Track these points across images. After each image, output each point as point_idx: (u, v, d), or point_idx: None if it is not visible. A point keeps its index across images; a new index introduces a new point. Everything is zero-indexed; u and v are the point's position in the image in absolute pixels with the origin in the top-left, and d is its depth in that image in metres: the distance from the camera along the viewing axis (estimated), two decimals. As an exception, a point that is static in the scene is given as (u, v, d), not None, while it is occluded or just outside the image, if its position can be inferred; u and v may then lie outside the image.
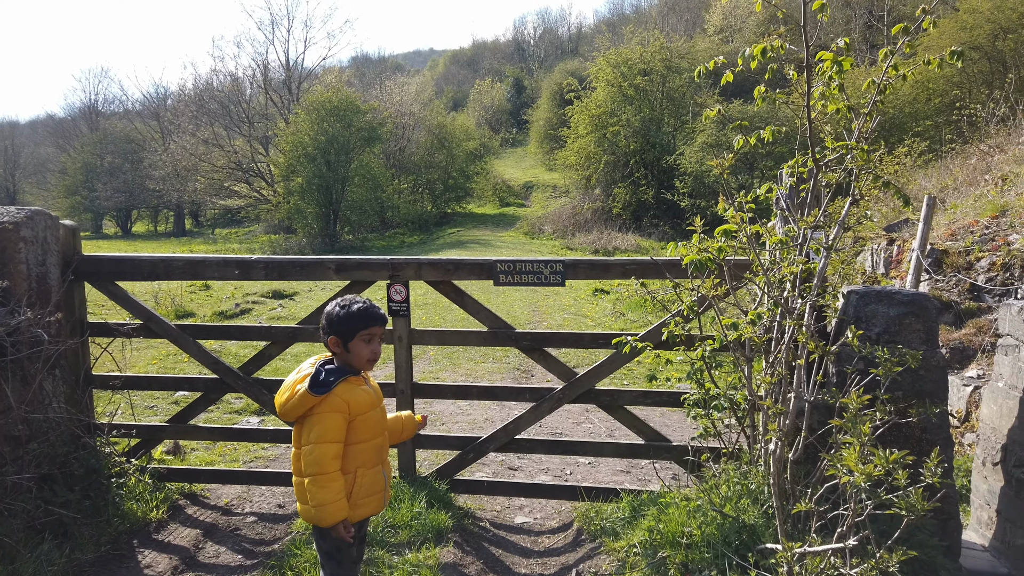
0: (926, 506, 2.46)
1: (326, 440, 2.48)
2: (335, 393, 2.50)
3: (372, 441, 2.64)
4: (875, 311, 3.30)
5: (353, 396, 2.55)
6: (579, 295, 13.95)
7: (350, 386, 2.56)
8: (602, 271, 4.03)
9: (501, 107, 51.97)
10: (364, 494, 2.62)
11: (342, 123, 29.56)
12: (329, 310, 2.63)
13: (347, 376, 2.58)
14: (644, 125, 27.16)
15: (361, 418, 2.57)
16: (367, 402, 2.61)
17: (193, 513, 4.26)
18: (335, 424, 2.49)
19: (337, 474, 2.51)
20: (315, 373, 2.54)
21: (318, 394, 2.47)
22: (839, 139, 3.06)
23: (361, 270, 4.10)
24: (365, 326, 2.58)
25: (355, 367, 2.62)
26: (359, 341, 2.59)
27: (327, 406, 2.49)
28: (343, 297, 2.70)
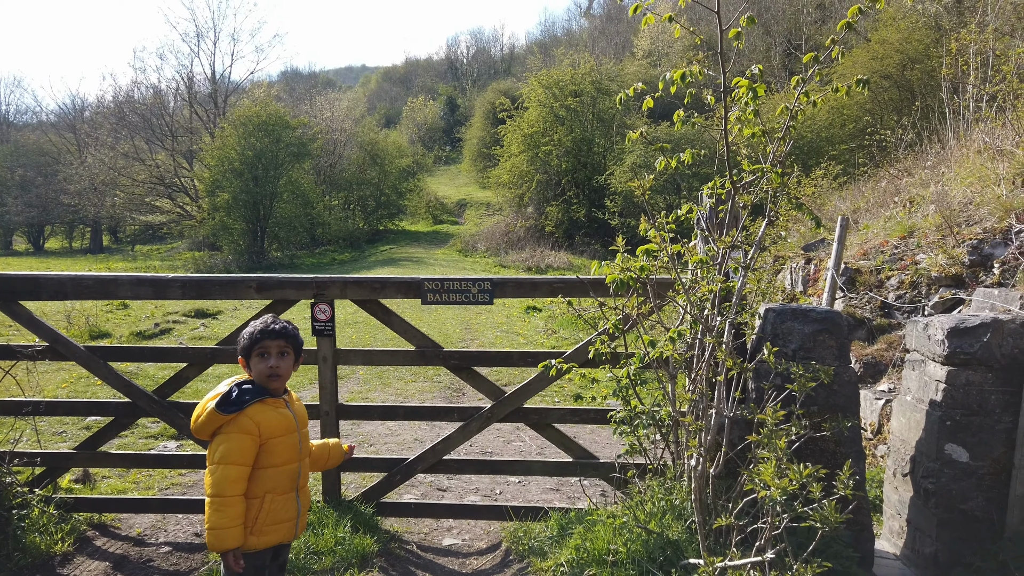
0: (839, 518, 2.54)
1: (229, 461, 2.39)
2: (246, 414, 2.44)
3: (285, 467, 2.55)
4: (791, 328, 3.41)
5: (265, 418, 2.47)
6: (511, 313, 13.98)
7: (264, 408, 2.50)
8: (530, 289, 4.05)
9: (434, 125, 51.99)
10: (271, 521, 2.52)
11: (271, 138, 28.99)
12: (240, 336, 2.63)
13: (263, 397, 2.51)
14: (575, 145, 27.60)
15: (273, 441, 2.49)
16: (281, 425, 2.53)
17: (103, 545, 4.04)
18: (241, 446, 2.41)
19: (237, 499, 2.41)
20: (227, 392, 2.48)
21: (225, 413, 2.41)
22: (756, 162, 3.17)
23: (283, 289, 4.00)
24: (258, 340, 2.54)
25: (254, 379, 2.57)
26: (255, 357, 2.54)
27: (236, 426, 2.42)
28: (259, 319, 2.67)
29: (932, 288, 5.58)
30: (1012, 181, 5.80)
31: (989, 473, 3.28)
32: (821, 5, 27.94)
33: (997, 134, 7.04)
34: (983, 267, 5.25)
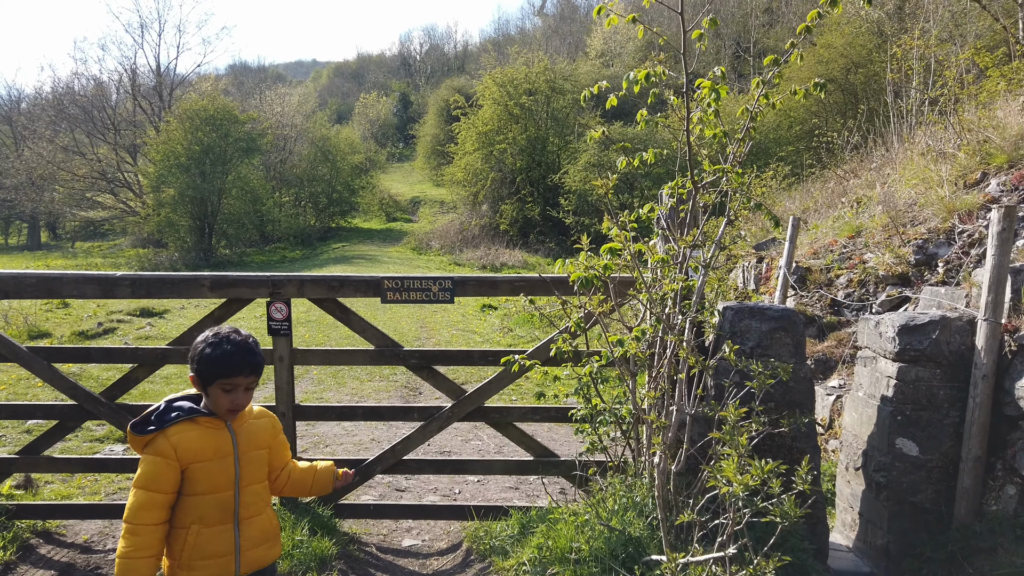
0: (798, 512, 2.58)
1: (141, 486, 2.13)
2: (165, 434, 2.16)
3: (214, 495, 2.21)
4: (749, 326, 3.47)
5: (187, 439, 2.17)
6: (467, 311, 13.93)
7: (191, 428, 2.19)
8: (490, 288, 4.03)
9: (387, 121, 51.49)
10: (199, 556, 2.20)
11: (218, 132, 28.28)
12: (197, 341, 2.24)
13: (194, 416, 2.21)
14: (530, 144, 27.66)
15: (197, 467, 2.18)
16: (208, 448, 2.20)
17: (47, 553, 3.88)
18: (154, 470, 2.13)
19: (145, 528, 2.12)
20: (156, 408, 2.22)
21: (138, 434, 2.15)
22: (715, 163, 3.21)
23: (239, 287, 3.90)
24: (226, 375, 2.19)
25: (212, 408, 2.24)
26: (218, 388, 2.20)
27: (152, 448, 2.15)
28: (221, 329, 2.26)
29: (879, 286, 5.75)
30: (954, 183, 6.01)
31: (938, 466, 3.38)
32: (769, 9, 28.60)
33: (939, 137, 7.29)
34: (928, 266, 5.43)
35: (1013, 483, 3.17)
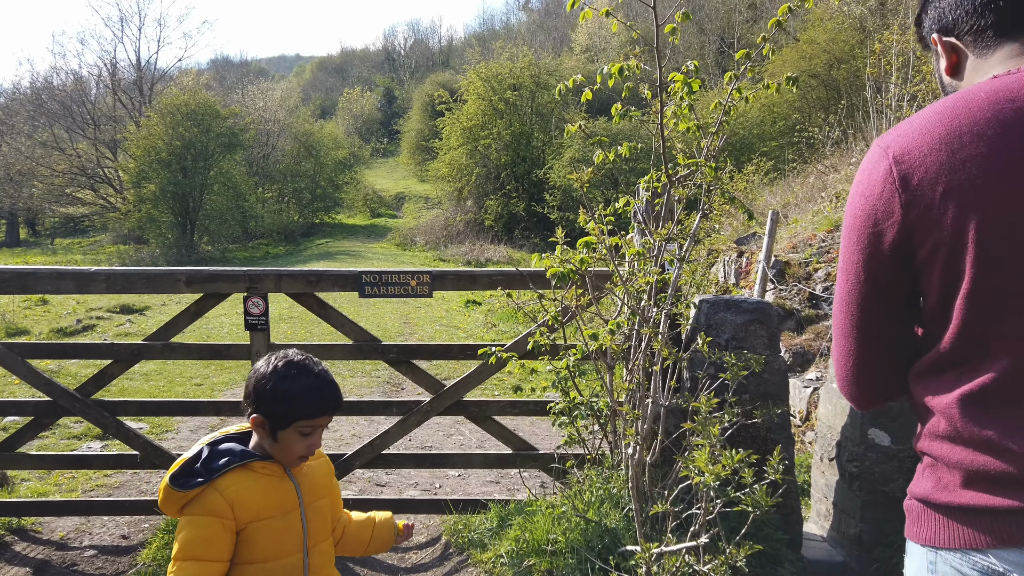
0: (770, 501, 2.61)
1: (187, 556, 1.66)
2: (215, 487, 1.69)
3: (278, 561, 1.76)
4: (724, 319, 3.50)
5: (243, 493, 1.71)
6: (451, 307, 13.93)
7: (246, 477, 1.73)
8: (469, 282, 4.04)
9: (371, 116, 51.28)
10: None
11: (200, 128, 28.05)
12: (261, 374, 1.75)
13: (251, 459, 1.75)
14: (515, 139, 27.66)
15: (258, 525, 1.73)
16: (271, 502, 1.75)
17: (22, 550, 3.86)
18: (205, 534, 1.67)
19: None
20: (195, 454, 1.74)
21: (181, 488, 1.68)
22: (691, 157, 3.23)
23: (215, 282, 3.88)
24: (310, 415, 1.75)
25: (275, 457, 1.79)
26: (294, 432, 1.74)
27: (199, 506, 1.68)
28: (289, 355, 1.78)
29: (856, 280, 5.81)
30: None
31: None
32: (753, 5, 28.72)
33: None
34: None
35: (982, 472, 3.22)
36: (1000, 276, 1.13)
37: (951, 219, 1.15)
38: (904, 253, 1.24)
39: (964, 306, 1.18)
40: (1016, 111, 1.13)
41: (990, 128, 1.13)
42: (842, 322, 1.39)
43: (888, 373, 1.39)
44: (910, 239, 1.22)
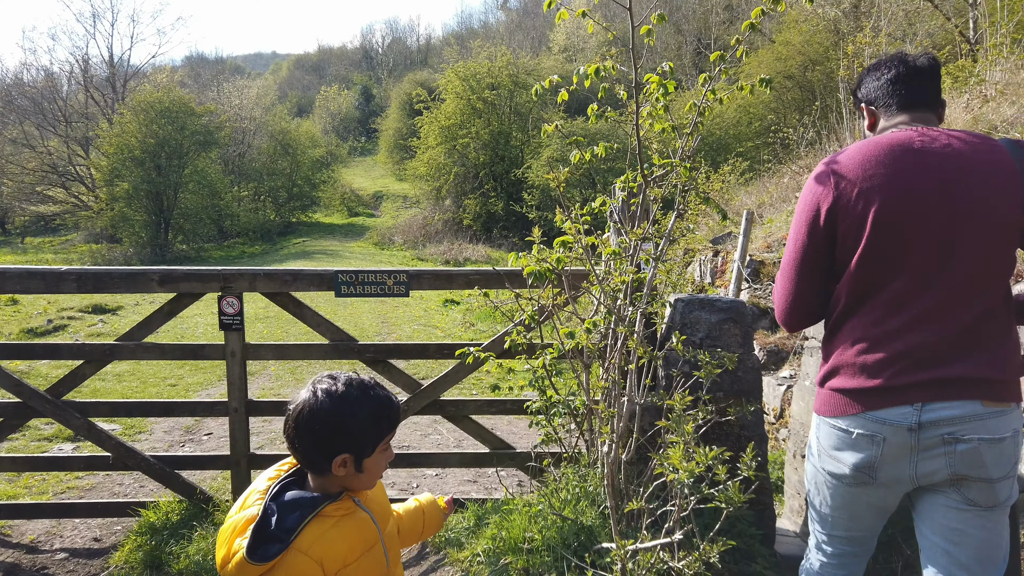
0: (743, 498, 2.64)
1: None
2: (297, 548, 1.50)
3: None
4: (699, 317, 3.54)
5: (328, 547, 1.54)
6: (429, 306, 13.91)
7: (323, 526, 1.55)
8: (446, 281, 4.04)
9: (349, 115, 51.01)
10: None
11: (174, 125, 27.73)
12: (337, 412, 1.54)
13: (322, 506, 1.56)
14: (493, 138, 27.66)
15: (345, 572, 1.57)
16: (357, 543, 1.60)
17: (-10, 555, 3.80)
18: None
19: None
20: (262, 517, 1.51)
21: (261, 561, 1.46)
22: (667, 157, 3.26)
23: (189, 281, 3.84)
24: (393, 425, 1.64)
25: (354, 489, 1.65)
26: (379, 453, 1.62)
27: (282, 573, 1.48)
28: (326, 388, 1.57)
29: (829, 279, 5.89)
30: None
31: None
32: (729, 6, 28.99)
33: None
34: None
35: (949, 467, 3.28)
36: (879, 246, 1.92)
37: (859, 210, 1.93)
38: (831, 229, 2.00)
39: (858, 262, 1.95)
40: (902, 151, 1.93)
41: (886, 159, 1.93)
42: (788, 272, 2.15)
43: (811, 306, 2.16)
44: (835, 220, 1.98)
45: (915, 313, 1.89)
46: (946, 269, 1.87)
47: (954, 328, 1.87)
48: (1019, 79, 6.73)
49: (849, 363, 1.98)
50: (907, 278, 1.90)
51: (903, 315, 1.90)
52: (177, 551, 3.52)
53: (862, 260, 1.94)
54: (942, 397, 1.85)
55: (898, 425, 1.88)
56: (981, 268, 1.88)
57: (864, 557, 2.27)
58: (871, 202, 1.90)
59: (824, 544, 2.32)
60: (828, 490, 2.19)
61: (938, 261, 1.87)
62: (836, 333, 2.07)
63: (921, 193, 1.87)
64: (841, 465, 2.06)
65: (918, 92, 2.08)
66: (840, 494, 2.14)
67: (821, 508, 2.27)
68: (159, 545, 3.58)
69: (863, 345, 1.96)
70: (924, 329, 1.88)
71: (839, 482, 2.11)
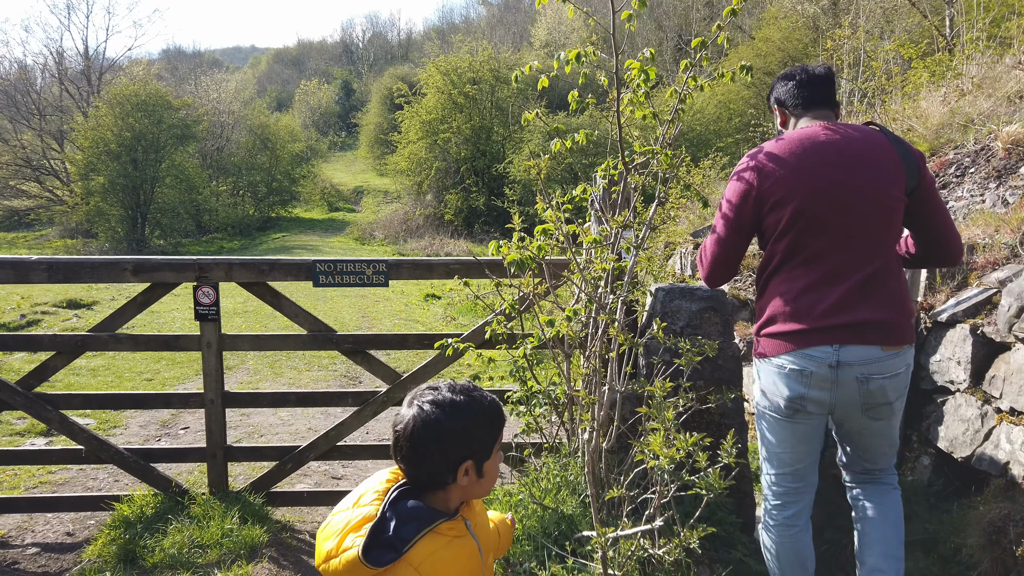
0: (723, 484, 2.64)
1: None
2: (409, 562, 1.42)
3: None
4: (679, 306, 3.53)
5: (439, 566, 1.45)
6: (410, 300, 13.83)
7: (436, 543, 1.47)
8: (425, 271, 4.00)
9: (329, 109, 50.61)
10: None
11: (151, 119, 27.32)
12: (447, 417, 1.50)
13: (438, 522, 1.49)
14: (474, 133, 27.56)
15: None
16: (466, 570, 1.53)
17: (-41, 551, 3.71)
18: None
19: None
20: (379, 520, 1.45)
21: (375, 565, 1.39)
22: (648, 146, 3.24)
23: (163, 271, 3.78)
24: (503, 426, 1.61)
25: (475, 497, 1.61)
26: (495, 455, 1.59)
27: None
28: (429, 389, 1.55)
29: (808, 270, 5.91)
30: (878, 171, 6.23)
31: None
32: (710, 3, 29.10)
33: (866, 128, 7.53)
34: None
35: (927, 454, 3.31)
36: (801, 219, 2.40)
37: (783, 190, 2.42)
38: (758, 207, 2.50)
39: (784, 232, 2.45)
40: (812, 143, 2.44)
41: (797, 150, 2.44)
42: (716, 239, 2.67)
43: (733, 268, 2.74)
44: (762, 199, 2.47)
45: (829, 270, 2.39)
46: (851, 235, 2.38)
47: (859, 282, 2.37)
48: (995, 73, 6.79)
49: (781, 311, 2.46)
50: (823, 243, 2.39)
51: (820, 272, 2.40)
52: (152, 544, 3.46)
53: (787, 230, 2.43)
54: (853, 340, 2.35)
55: (821, 361, 2.38)
56: (876, 234, 2.40)
57: (809, 493, 2.68)
58: (792, 184, 2.40)
59: (774, 485, 2.69)
60: (771, 429, 2.63)
61: (845, 229, 2.38)
62: (768, 289, 2.55)
63: (830, 176, 2.38)
64: (779, 399, 2.51)
65: (818, 95, 2.60)
66: (780, 428, 2.59)
67: (769, 450, 2.68)
68: (133, 539, 3.52)
69: (791, 297, 2.45)
70: (837, 283, 2.38)
71: (779, 416, 2.56)
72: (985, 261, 3.42)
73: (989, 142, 5.23)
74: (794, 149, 2.43)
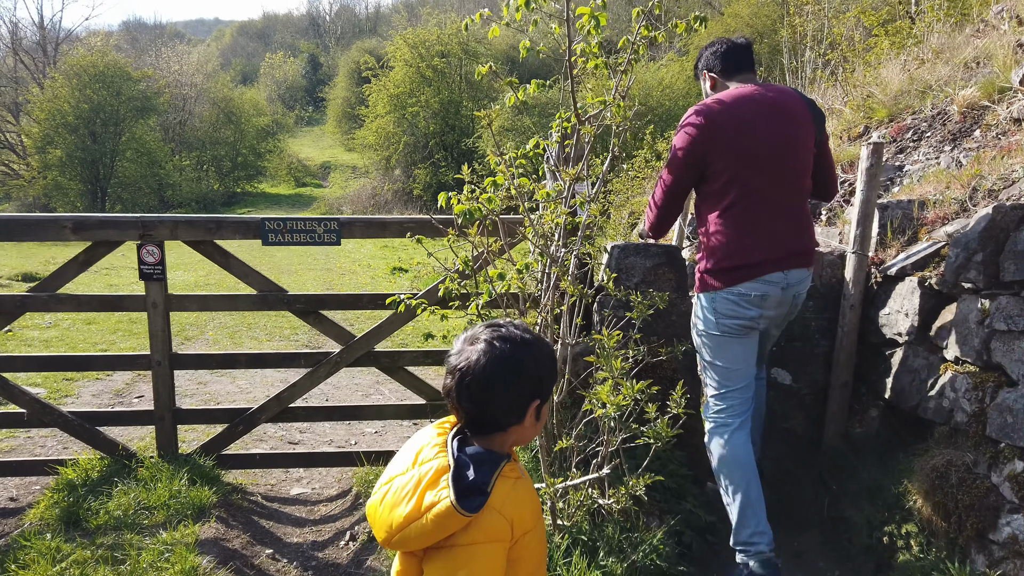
0: (670, 432, 2.64)
1: None
2: (491, 505, 1.36)
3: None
4: (634, 263, 3.51)
5: (518, 507, 1.42)
6: (376, 274, 13.71)
7: (506, 486, 1.41)
8: (379, 229, 3.93)
9: (296, 83, 49.63)
10: None
11: (109, 90, 26.54)
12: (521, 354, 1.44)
13: (503, 464, 1.43)
14: (443, 107, 27.23)
15: (524, 541, 1.44)
16: (536, 508, 1.50)
17: None
18: (493, 566, 1.37)
19: None
20: (456, 468, 1.38)
21: (472, 510, 1.33)
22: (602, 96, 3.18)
23: (105, 229, 3.66)
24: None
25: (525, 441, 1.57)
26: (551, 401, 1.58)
27: (479, 532, 1.35)
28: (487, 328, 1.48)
29: (768, 235, 5.94)
30: (840, 136, 6.25)
31: (809, 393, 3.54)
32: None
33: (829, 95, 7.56)
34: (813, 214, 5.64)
35: (876, 406, 3.34)
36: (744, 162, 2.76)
37: (722, 141, 2.77)
38: (703, 159, 2.83)
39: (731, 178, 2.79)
40: (745, 100, 2.80)
41: (737, 105, 2.80)
42: (664, 188, 2.98)
43: (676, 211, 3.09)
44: (707, 151, 2.81)
45: (772, 208, 2.80)
46: (786, 177, 2.82)
47: (794, 218, 2.86)
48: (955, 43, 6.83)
49: (737, 247, 2.81)
50: (764, 184, 2.78)
51: (766, 210, 2.80)
52: (96, 507, 3.38)
53: (734, 173, 2.78)
54: (795, 265, 2.85)
55: (775, 284, 2.81)
56: (802, 177, 2.87)
57: (751, 400, 3.00)
58: (733, 137, 2.76)
59: (731, 399, 2.95)
60: (728, 350, 2.93)
61: (780, 172, 2.80)
62: (718, 227, 2.85)
63: (766, 126, 2.76)
64: (738, 321, 2.86)
65: (744, 61, 2.98)
66: (733, 346, 2.92)
67: (727, 369, 2.95)
68: (77, 502, 3.43)
69: (744, 232, 2.80)
70: (779, 218, 2.81)
71: (733, 337, 2.90)
72: (935, 216, 3.44)
73: (946, 107, 5.26)
74: (734, 104, 2.80)
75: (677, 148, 2.89)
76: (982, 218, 2.81)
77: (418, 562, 1.42)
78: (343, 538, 3.39)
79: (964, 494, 2.63)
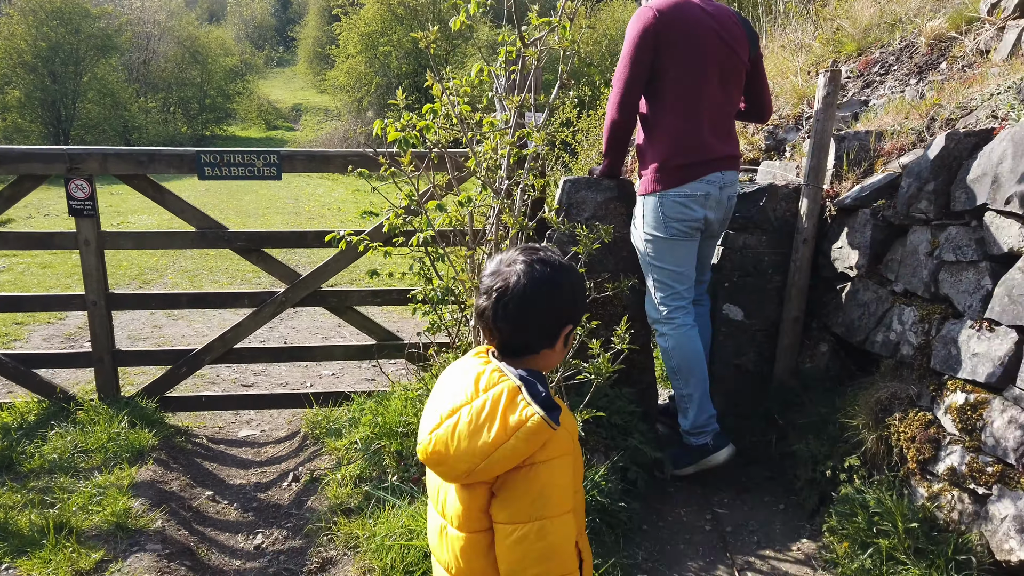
0: (611, 368, 2.57)
1: (563, 510, 1.35)
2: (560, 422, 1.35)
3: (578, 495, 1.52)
4: (585, 197, 3.40)
5: (568, 417, 1.44)
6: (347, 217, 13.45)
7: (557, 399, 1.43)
8: (322, 163, 3.77)
9: (265, 22, 48.02)
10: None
11: (67, 27, 25.48)
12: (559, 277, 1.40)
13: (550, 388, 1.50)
14: (415, 47, 26.52)
15: (579, 448, 1.51)
16: (576, 426, 1.55)
17: None
18: (567, 479, 1.37)
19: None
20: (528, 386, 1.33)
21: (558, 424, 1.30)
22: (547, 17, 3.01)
23: (30, 162, 3.47)
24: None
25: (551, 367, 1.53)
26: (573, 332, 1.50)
27: (555, 447, 1.34)
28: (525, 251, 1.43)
29: (732, 173, 5.84)
30: (807, 71, 6.10)
31: (761, 329, 3.49)
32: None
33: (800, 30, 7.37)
34: (777, 151, 5.53)
35: (826, 340, 3.31)
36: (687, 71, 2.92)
37: (671, 37, 2.88)
38: (652, 50, 2.91)
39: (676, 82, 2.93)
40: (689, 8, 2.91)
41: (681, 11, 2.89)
42: (620, 84, 3.00)
43: (635, 109, 3.07)
44: (658, 48, 2.90)
45: (710, 115, 2.98)
46: (725, 83, 3.00)
47: (725, 124, 3.08)
48: (928, -25, 6.61)
49: (681, 147, 2.96)
50: (704, 88, 2.94)
51: (706, 114, 2.97)
52: (31, 450, 3.29)
53: (680, 75, 2.92)
54: (729, 167, 3.06)
55: (715, 184, 3.00)
56: (735, 88, 3.08)
57: (692, 294, 3.20)
58: (677, 31, 2.88)
59: (678, 299, 3.11)
60: (671, 251, 3.05)
61: (721, 78, 2.97)
62: (662, 128, 3.00)
63: (708, 36, 2.90)
64: (686, 223, 3.00)
65: None
66: (679, 249, 3.05)
67: (675, 271, 3.08)
68: (12, 445, 3.33)
69: (687, 134, 2.96)
70: (716, 123, 3.01)
71: (680, 239, 3.03)
72: (892, 147, 3.35)
73: (914, 39, 5.12)
74: (678, 10, 2.90)
75: (627, 45, 2.95)
76: (935, 146, 2.72)
77: (486, 493, 1.36)
78: (286, 479, 3.33)
79: (907, 427, 2.60)
